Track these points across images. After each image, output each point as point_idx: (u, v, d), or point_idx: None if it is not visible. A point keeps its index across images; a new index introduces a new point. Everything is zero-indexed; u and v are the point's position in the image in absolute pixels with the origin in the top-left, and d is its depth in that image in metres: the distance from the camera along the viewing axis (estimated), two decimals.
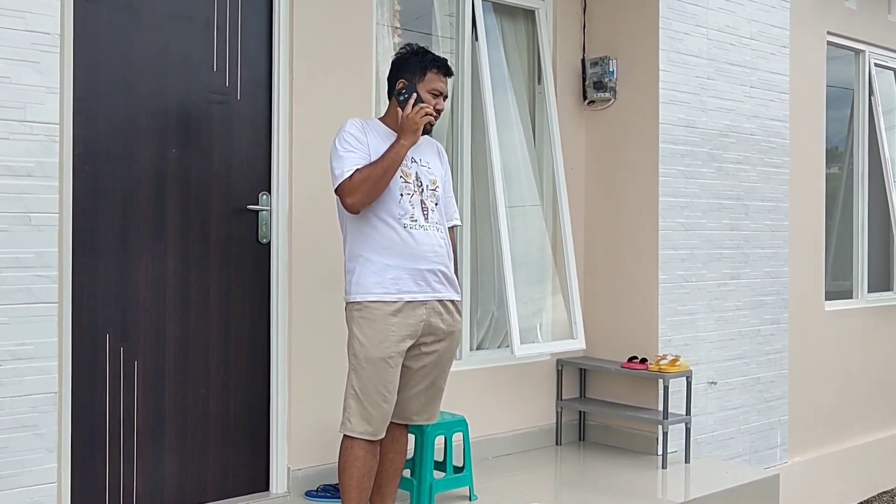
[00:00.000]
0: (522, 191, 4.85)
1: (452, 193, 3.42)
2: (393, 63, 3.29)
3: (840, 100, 6.43)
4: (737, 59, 5.13)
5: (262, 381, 3.84)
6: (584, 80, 5.01)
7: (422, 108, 3.11)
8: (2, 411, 2.91)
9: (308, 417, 3.85)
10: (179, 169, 3.60)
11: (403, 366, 3.15)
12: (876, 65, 6.56)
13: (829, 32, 6.11)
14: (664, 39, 4.74)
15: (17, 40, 2.93)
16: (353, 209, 3.06)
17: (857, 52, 6.47)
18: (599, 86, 4.91)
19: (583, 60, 5.04)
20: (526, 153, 4.86)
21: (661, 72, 4.72)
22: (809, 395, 5.84)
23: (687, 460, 4.58)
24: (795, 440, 5.67)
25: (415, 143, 3.12)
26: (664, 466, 4.46)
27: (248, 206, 3.78)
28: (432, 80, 3.20)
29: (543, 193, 4.93)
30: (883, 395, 6.54)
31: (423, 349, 3.18)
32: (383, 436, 3.15)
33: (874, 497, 6.43)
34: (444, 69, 3.24)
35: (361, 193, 3.02)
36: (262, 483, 3.84)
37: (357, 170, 3.03)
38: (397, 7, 4.36)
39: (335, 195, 3.11)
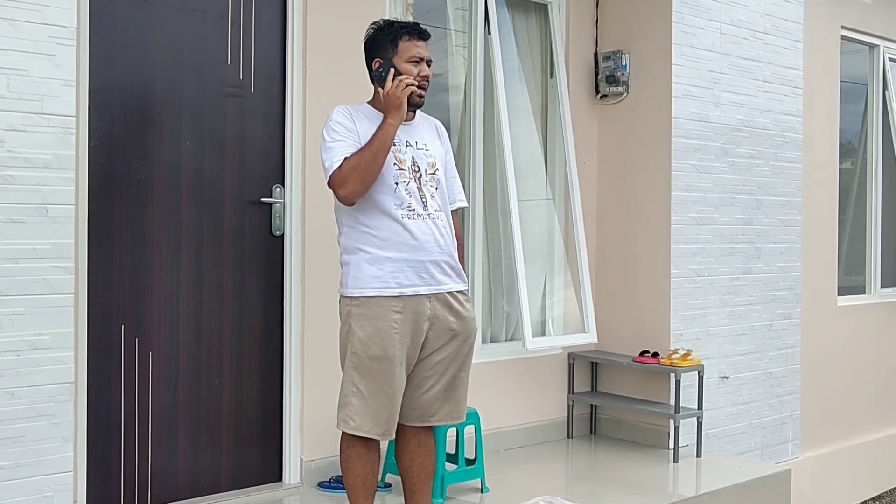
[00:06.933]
0: (534, 184, 4.85)
1: (456, 173, 3.22)
2: (364, 47, 3.08)
3: (854, 94, 6.40)
4: (750, 53, 5.11)
5: (275, 373, 3.86)
6: (596, 74, 5.01)
7: (401, 80, 2.90)
8: (20, 401, 2.93)
9: (321, 409, 3.86)
10: (193, 161, 3.63)
11: (418, 363, 2.99)
12: (890, 59, 6.53)
13: (843, 27, 6.08)
14: (677, 34, 4.73)
15: (34, 33, 2.95)
16: (347, 201, 2.88)
17: (872, 46, 6.44)
18: (612, 80, 4.91)
19: (595, 54, 5.03)
20: (538, 147, 4.86)
21: (674, 66, 4.71)
22: (821, 391, 5.82)
23: (698, 454, 4.58)
24: (807, 435, 5.66)
25: (402, 118, 2.92)
26: (675, 460, 4.46)
27: (262, 199, 3.80)
28: (407, 48, 2.98)
29: (556, 187, 4.93)
30: (895, 390, 6.52)
31: (436, 345, 2.99)
32: (393, 437, 3.01)
33: (886, 493, 6.41)
34: (416, 33, 3.01)
35: (353, 182, 2.83)
36: (274, 474, 3.87)
37: (346, 158, 2.86)
38: (410, 0, 4.36)
39: (328, 188, 2.95)
